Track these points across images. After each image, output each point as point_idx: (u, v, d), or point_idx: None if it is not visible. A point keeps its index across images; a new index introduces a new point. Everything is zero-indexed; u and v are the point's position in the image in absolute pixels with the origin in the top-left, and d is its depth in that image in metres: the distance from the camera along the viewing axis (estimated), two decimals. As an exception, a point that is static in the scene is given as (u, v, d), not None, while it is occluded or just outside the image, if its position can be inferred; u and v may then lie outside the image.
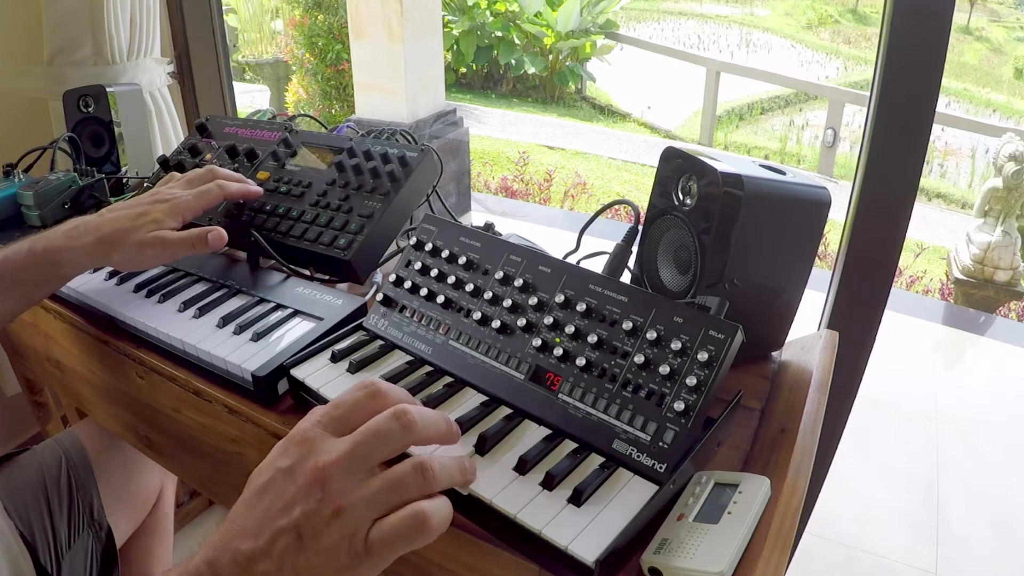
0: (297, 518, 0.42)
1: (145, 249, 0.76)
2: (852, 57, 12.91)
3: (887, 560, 1.94)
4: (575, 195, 6.43)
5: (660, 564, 0.48)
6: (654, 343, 0.57)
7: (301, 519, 0.42)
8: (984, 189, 4.56)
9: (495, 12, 9.22)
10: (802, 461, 0.59)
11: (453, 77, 9.47)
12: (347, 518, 0.42)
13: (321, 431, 0.46)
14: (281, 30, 8.27)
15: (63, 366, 0.98)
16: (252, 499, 0.44)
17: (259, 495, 0.44)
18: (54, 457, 0.96)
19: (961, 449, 2.52)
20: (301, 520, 0.42)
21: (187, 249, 0.78)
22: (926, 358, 3.35)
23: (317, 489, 0.42)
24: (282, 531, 0.42)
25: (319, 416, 0.47)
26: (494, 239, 0.69)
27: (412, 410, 0.46)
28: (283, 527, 0.42)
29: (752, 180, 0.64)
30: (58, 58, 1.38)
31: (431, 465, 0.45)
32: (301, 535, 0.42)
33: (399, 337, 0.70)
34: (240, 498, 0.45)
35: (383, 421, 0.45)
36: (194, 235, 0.78)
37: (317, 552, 0.42)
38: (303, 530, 0.42)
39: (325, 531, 0.42)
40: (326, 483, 0.42)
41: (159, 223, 0.78)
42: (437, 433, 0.48)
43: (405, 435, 0.45)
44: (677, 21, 15.43)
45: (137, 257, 0.77)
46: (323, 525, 0.42)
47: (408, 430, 0.45)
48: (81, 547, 0.92)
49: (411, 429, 0.45)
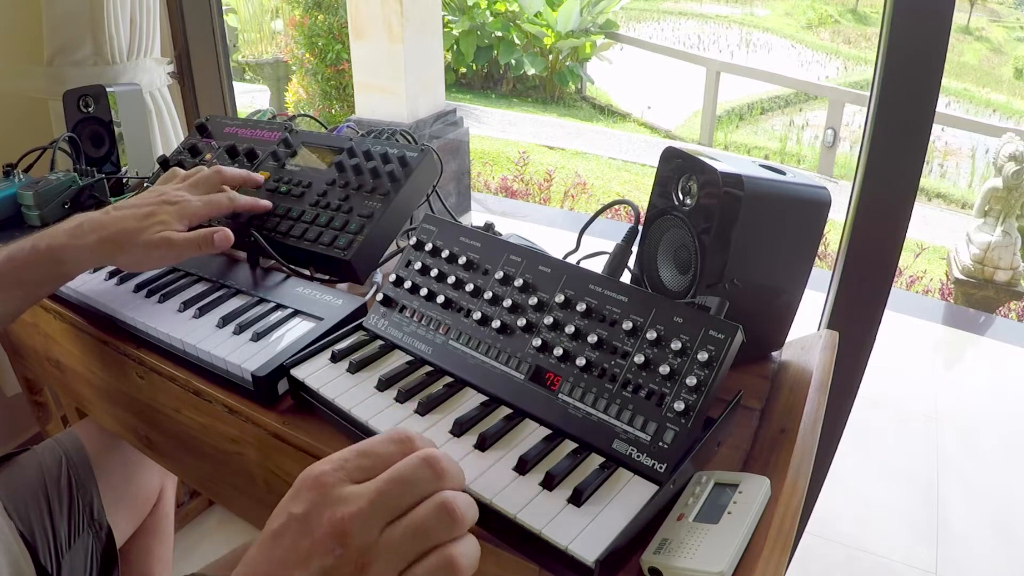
0: (315, 573, 0.38)
1: (152, 250, 0.76)
2: (852, 57, 12.91)
3: (887, 560, 1.94)
4: (575, 195, 6.43)
5: (660, 564, 0.48)
6: (654, 343, 0.57)
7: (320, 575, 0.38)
8: (984, 189, 4.56)
9: (495, 12, 9.22)
10: (802, 461, 0.59)
11: (453, 77, 9.47)
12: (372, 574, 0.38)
13: (340, 476, 0.41)
14: (281, 30, 8.27)
15: (63, 366, 0.98)
16: (267, 544, 0.40)
17: (274, 541, 0.40)
18: (54, 457, 0.96)
19: (961, 449, 2.52)
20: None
21: (193, 250, 0.78)
22: (926, 358, 3.35)
23: (336, 544, 0.38)
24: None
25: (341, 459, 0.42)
26: (494, 239, 0.69)
27: (443, 457, 0.42)
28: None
29: (752, 180, 0.64)
30: (58, 58, 1.38)
31: (456, 506, 0.41)
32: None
33: (399, 337, 0.70)
34: (258, 539, 0.41)
35: (411, 468, 0.41)
36: (200, 236, 0.78)
37: None
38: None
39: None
40: (346, 537, 0.38)
41: (166, 225, 0.77)
42: (462, 484, 0.44)
43: (435, 482, 0.41)
44: (677, 21, 15.43)
45: (144, 258, 0.77)
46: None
47: (439, 479, 0.41)
48: (81, 547, 0.92)
49: (442, 478, 0.41)
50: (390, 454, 0.42)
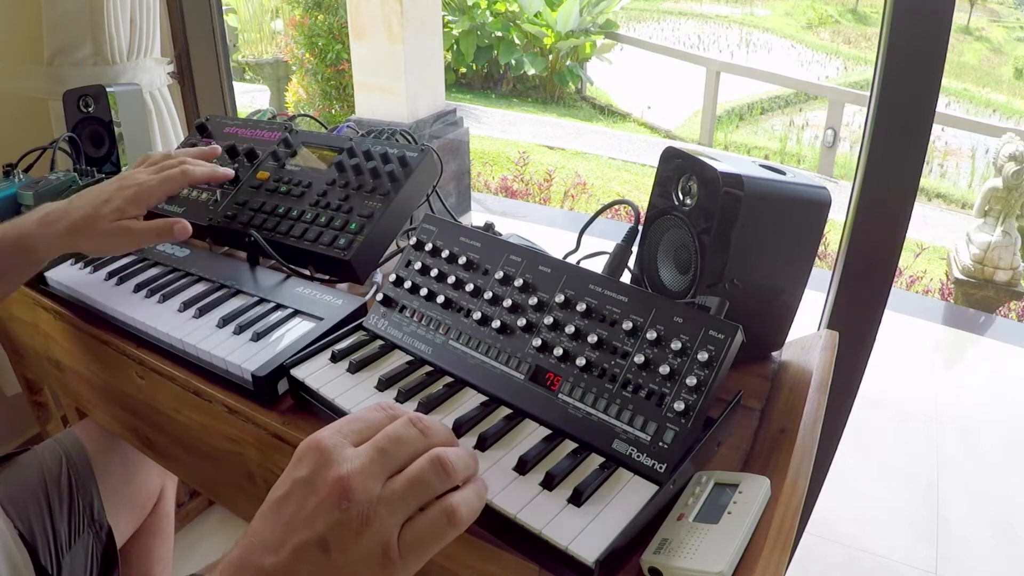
0: (322, 531, 0.40)
1: (111, 238, 0.78)
2: (852, 57, 12.91)
3: (887, 560, 1.93)
4: (575, 195, 6.43)
5: (660, 564, 0.48)
6: (654, 343, 0.57)
7: (327, 532, 0.40)
8: (984, 189, 4.55)
9: (495, 12, 9.22)
10: (802, 461, 0.59)
11: (453, 77, 9.47)
12: (377, 526, 0.40)
13: (339, 440, 0.44)
14: (281, 30, 8.27)
15: (63, 366, 0.98)
16: (271, 512, 0.42)
17: (278, 508, 0.42)
18: (54, 457, 0.96)
19: (961, 449, 2.52)
20: (327, 533, 0.40)
21: (153, 238, 0.80)
22: (926, 358, 3.35)
23: (342, 499, 0.40)
24: (307, 545, 0.40)
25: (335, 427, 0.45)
26: (494, 239, 0.69)
27: (426, 417, 0.46)
28: (307, 540, 0.40)
29: (752, 180, 0.64)
30: (58, 58, 1.38)
31: (448, 457, 0.44)
32: (328, 548, 0.40)
33: (399, 337, 0.70)
34: (259, 511, 0.43)
35: (402, 427, 0.45)
36: (160, 225, 0.80)
37: (348, 565, 0.40)
38: (331, 543, 0.40)
39: (355, 542, 0.40)
40: (350, 492, 0.40)
41: (122, 212, 0.79)
42: (448, 439, 0.47)
43: (423, 439, 0.45)
44: (677, 21, 15.43)
45: (104, 245, 0.79)
46: (352, 536, 0.40)
47: (426, 434, 0.45)
48: (81, 547, 0.92)
49: (428, 433, 0.45)
50: (378, 420, 0.46)
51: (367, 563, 0.40)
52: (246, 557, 0.41)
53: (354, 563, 0.40)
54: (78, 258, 0.94)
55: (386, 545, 0.40)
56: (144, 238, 0.80)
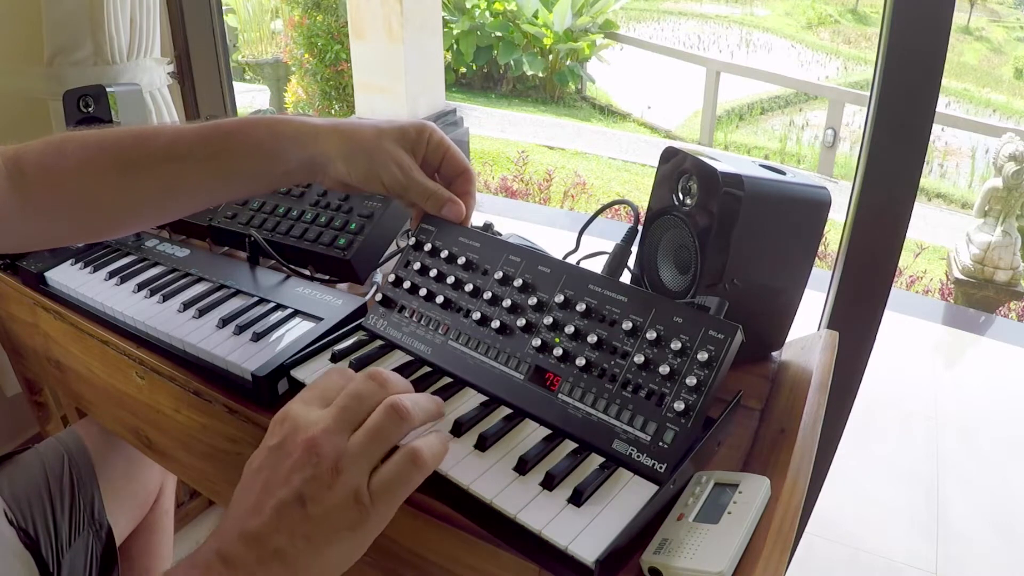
0: (298, 487, 0.43)
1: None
2: (852, 57, 12.90)
3: (888, 559, 1.94)
4: (575, 195, 6.42)
5: (660, 564, 0.48)
6: (654, 343, 0.57)
7: (302, 487, 0.43)
8: (984, 189, 4.55)
9: (494, 12, 9.22)
10: (802, 461, 0.59)
11: (453, 77, 9.47)
12: (347, 476, 0.43)
13: (302, 408, 0.47)
14: (281, 30, 8.27)
15: (63, 366, 0.98)
16: (248, 481, 0.45)
17: (254, 476, 0.45)
18: (57, 455, 0.96)
19: (961, 448, 2.52)
20: (302, 488, 0.43)
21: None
22: (926, 358, 3.35)
23: (312, 456, 0.44)
24: (285, 503, 0.43)
25: (300, 398, 0.49)
26: (493, 239, 0.69)
27: (383, 371, 0.50)
28: (285, 498, 0.43)
29: (752, 180, 0.64)
30: (58, 58, 1.38)
31: (402, 404, 0.47)
32: (305, 502, 0.43)
33: (399, 337, 0.70)
34: (238, 486, 0.46)
35: (361, 383, 0.48)
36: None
37: (325, 515, 0.43)
38: (306, 497, 0.43)
39: (328, 493, 0.43)
40: (318, 448, 0.44)
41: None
42: (407, 389, 0.50)
43: (381, 390, 0.48)
44: (677, 21, 15.42)
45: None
46: (325, 488, 0.43)
47: (383, 386, 0.48)
48: (82, 546, 0.92)
49: (386, 385, 0.48)
50: (337, 382, 0.50)
51: (341, 511, 0.43)
52: (230, 527, 0.44)
53: (329, 513, 0.43)
54: (78, 258, 0.94)
55: (357, 492, 0.44)
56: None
